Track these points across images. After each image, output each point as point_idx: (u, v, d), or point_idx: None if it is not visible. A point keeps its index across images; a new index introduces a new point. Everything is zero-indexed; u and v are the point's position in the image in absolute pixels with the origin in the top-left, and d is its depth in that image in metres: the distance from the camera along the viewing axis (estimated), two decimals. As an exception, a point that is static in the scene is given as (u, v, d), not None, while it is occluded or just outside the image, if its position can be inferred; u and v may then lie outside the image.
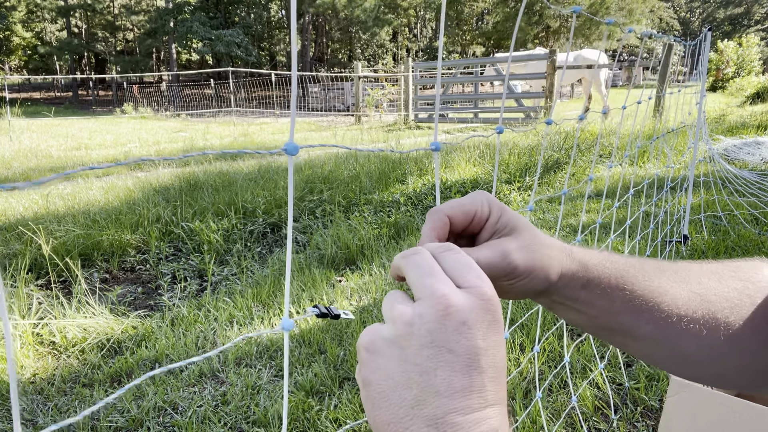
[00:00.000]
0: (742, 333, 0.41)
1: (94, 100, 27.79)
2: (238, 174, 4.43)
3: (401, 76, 10.90)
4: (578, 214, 3.33)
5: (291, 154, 0.37)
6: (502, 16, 30.28)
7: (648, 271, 0.43)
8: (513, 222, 0.41)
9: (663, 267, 0.44)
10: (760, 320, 0.42)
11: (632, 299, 0.42)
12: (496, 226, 0.42)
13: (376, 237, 2.95)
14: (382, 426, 0.30)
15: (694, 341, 0.42)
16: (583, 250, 0.43)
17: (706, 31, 2.71)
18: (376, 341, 0.32)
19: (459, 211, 0.41)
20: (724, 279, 0.43)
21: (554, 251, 0.41)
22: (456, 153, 4.88)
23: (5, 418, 1.50)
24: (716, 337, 0.41)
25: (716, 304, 0.42)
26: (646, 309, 0.41)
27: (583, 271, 0.42)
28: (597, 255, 0.43)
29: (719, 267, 0.45)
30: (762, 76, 14.84)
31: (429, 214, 0.42)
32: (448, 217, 0.41)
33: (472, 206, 0.42)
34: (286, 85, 18.93)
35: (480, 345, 0.30)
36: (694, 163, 2.75)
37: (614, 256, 0.43)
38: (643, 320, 0.42)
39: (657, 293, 0.42)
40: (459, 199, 0.42)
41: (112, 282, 2.61)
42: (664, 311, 0.41)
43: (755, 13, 40.28)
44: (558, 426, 1.37)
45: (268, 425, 1.43)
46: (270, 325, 2.00)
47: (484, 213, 0.42)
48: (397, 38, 39.76)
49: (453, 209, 0.42)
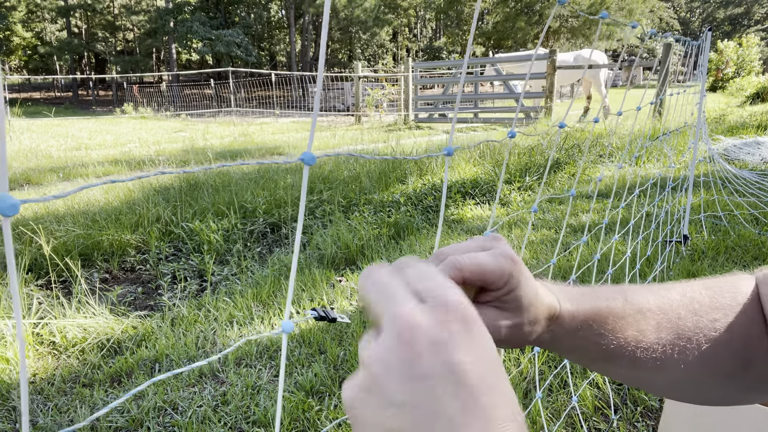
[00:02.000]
0: (720, 361, 0.43)
1: (94, 100, 27.79)
2: (238, 174, 4.43)
3: (401, 76, 10.90)
4: (578, 214, 3.32)
5: (308, 164, 0.36)
6: (502, 16, 30.28)
7: (627, 318, 0.43)
8: (520, 302, 0.38)
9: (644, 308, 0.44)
10: (739, 346, 0.43)
11: (607, 351, 0.43)
12: (502, 299, 0.38)
13: (376, 237, 2.95)
14: None
15: (670, 375, 0.43)
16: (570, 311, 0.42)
17: (706, 31, 2.71)
18: (355, 396, 0.29)
19: (477, 278, 0.37)
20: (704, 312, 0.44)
21: (541, 323, 0.40)
22: (456, 152, 4.88)
23: (5, 418, 1.50)
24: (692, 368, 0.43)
25: (692, 341, 0.43)
26: (621, 356, 0.43)
27: (563, 336, 0.42)
28: (579, 316, 0.42)
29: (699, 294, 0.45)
30: (762, 76, 14.84)
31: (448, 264, 0.36)
32: (463, 280, 0.37)
33: (492, 276, 0.37)
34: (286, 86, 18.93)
35: (462, 359, 0.26)
36: (694, 163, 2.75)
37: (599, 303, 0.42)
38: (617, 365, 0.43)
39: (634, 341, 0.43)
40: (483, 260, 0.37)
41: (112, 282, 2.61)
42: (639, 357, 0.43)
43: (755, 13, 40.28)
44: (558, 426, 1.38)
45: (268, 425, 1.43)
46: (270, 326, 2.00)
47: (498, 285, 0.38)
48: (397, 38, 39.77)
49: (473, 274, 0.37)
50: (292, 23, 32.83)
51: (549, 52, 8.33)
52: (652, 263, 2.33)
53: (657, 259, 2.37)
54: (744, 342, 0.43)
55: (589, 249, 2.60)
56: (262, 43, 36.01)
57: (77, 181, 4.78)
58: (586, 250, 2.58)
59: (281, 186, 3.86)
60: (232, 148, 7.11)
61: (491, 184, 4.00)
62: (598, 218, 3.22)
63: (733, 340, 0.43)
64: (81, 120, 14.28)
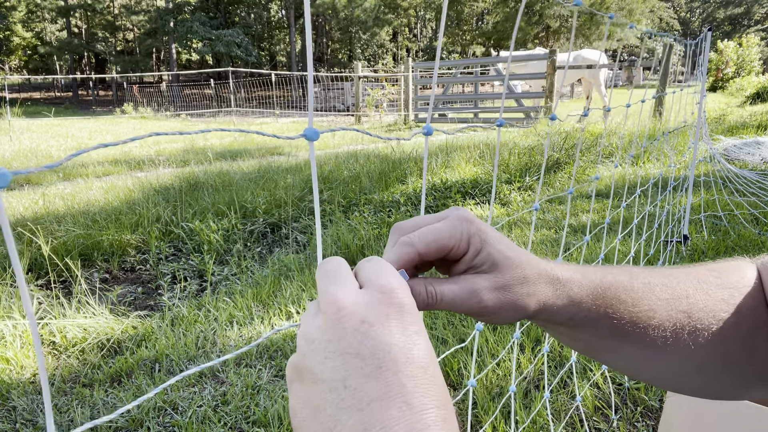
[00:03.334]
0: (728, 345, 0.41)
1: (94, 100, 27.80)
2: (237, 174, 4.43)
3: (401, 76, 10.90)
4: (578, 214, 3.32)
5: (311, 139, 0.36)
6: (502, 16, 30.28)
7: (637, 292, 0.41)
8: (492, 258, 0.37)
9: (653, 282, 0.42)
10: (746, 330, 0.42)
11: (619, 326, 0.41)
12: (473, 261, 0.37)
13: (376, 237, 2.95)
14: None
15: (678, 358, 0.42)
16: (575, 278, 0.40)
17: (706, 31, 2.71)
18: (292, 370, 0.29)
19: (433, 248, 0.36)
20: (711, 290, 0.42)
21: (539, 287, 0.38)
22: (456, 153, 4.88)
23: (5, 418, 1.50)
24: (701, 352, 0.41)
25: (703, 321, 0.41)
26: (632, 334, 0.41)
27: (571, 304, 0.40)
28: (587, 284, 0.40)
29: (706, 274, 0.44)
30: (762, 76, 14.84)
31: (399, 243, 0.36)
32: (419, 255, 0.36)
33: (451, 241, 0.36)
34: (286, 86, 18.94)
35: (388, 340, 0.26)
36: (694, 163, 2.75)
37: (606, 278, 0.41)
38: (628, 343, 0.41)
39: (645, 317, 0.41)
40: (435, 227, 0.37)
41: (112, 282, 2.61)
42: (650, 334, 0.41)
43: (755, 13, 40.29)
44: (558, 426, 1.37)
45: (268, 425, 1.43)
46: (270, 326, 2.00)
47: (461, 249, 0.37)
48: (397, 38, 39.76)
49: (428, 246, 0.36)
50: (292, 23, 32.83)
51: (549, 52, 8.33)
52: (653, 264, 2.33)
53: (658, 260, 2.37)
54: (751, 325, 0.42)
55: (588, 249, 2.60)
56: (262, 43, 36.01)
57: (77, 181, 4.77)
58: (586, 251, 2.58)
59: (281, 186, 3.86)
60: (232, 148, 7.11)
61: (491, 184, 4.00)
62: (598, 218, 3.22)
63: (741, 323, 0.41)
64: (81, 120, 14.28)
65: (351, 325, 0.27)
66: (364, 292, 0.29)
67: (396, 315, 0.28)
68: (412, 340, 0.27)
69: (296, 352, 0.30)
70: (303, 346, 0.29)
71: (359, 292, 0.29)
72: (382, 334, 0.27)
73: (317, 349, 0.27)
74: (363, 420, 0.24)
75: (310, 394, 0.27)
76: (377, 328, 0.27)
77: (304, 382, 0.28)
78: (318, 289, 0.31)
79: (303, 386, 0.28)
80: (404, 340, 0.27)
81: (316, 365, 0.27)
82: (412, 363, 0.26)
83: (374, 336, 0.26)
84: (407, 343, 0.27)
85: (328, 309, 0.28)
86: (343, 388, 0.25)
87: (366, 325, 0.27)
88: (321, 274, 0.31)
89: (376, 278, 0.30)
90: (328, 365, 0.26)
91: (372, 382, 0.25)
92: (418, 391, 0.25)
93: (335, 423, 0.25)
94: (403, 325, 0.28)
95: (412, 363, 0.26)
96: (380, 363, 0.26)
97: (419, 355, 0.27)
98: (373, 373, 0.25)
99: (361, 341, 0.26)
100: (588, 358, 1.66)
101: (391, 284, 0.29)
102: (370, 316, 0.27)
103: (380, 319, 0.27)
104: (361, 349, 0.26)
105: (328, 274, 0.31)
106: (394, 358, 0.26)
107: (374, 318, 0.27)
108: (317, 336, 0.28)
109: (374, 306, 0.28)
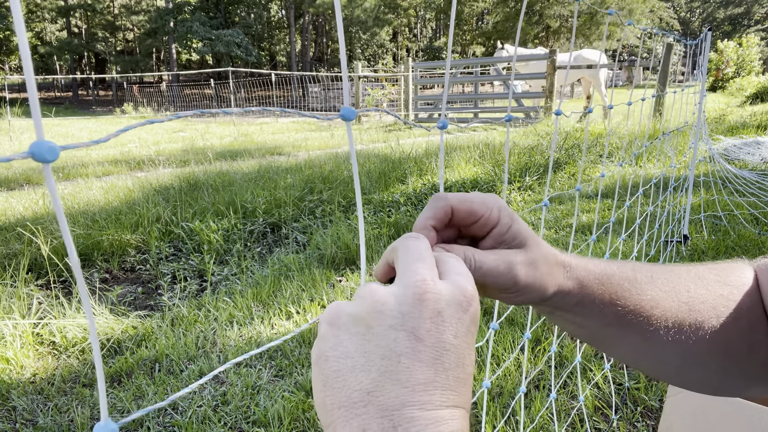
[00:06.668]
0: (728, 340, 0.42)
1: (94, 100, 27.80)
2: (237, 174, 4.43)
3: (401, 76, 10.90)
4: (578, 214, 3.32)
5: (348, 119, 0.37)
6: (502, 16, 30.28)
7: (641, 282, 0.42)
8: (522, 235, 0.39)
9: (655, 275, 0.43)
10: (745, 326, 0.42)
11: (624, 314, 0.41)
12: (503, 236, 0.39)
13: (376, 237, 2.95)
14: (332, 409, 0.27)
15: (679, 350, 0.42)
16: (582, 264, 0.42)
17: (706, 31, 2.71)
18: (341, 316, 0.30)
19: (466, 207, 0.38)
20: (711, 286, 0.43)
21: (555, 268, 0.40)
22: (456, 153, 4.88)
23: (5, 418, 1.50)
24: (701, 345, 0.42)
25: (703, 313, 0.42)
26: (636, 323, 0.42)
27: (579, 288, 0.41)
28: (594, 270, 0.42)
29: (705, 272, 0.45)
30: (762, 76, 14.84)
31: (432, 199, 0.39)
32: (452, 209, 0.38)
33: (482, 208, 0.39)
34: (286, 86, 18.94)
35: (451, 341, 0.28)
36: (694, 163, 2.75)
37: (610, 268, 0.42)
38: (632, 331, 0.42)
39: (648, 306, 0.42)
40: (469, 194, 0.39)
41: (112, 282, 2.61)
42: (653, 324, 0.41)
43: (755, 13, 40.28)
44: (558, 426, 1.37)
45: (268, 425, 1.43)
46: (270, 326, 2.00)
47: (492, 219, 0.39)
48: (397, 38, 39.76)
49: (461, 203, 0.38)
50: (292, 23, 32.82)
51: (549, 52, 8.33)
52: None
53: (658, 259, 2.37)
54: (749, 323, 0.42)
55: (588, 250, 2.60)
56: (262, 43, 36.00)
57: (77, 181, 4.77)
58: (586, 251, 2.58)
59: (281, 186, 3.86)
60: (232, 148, 7.11)
61: (491, 183, 4.00)
62: (598, 218, 3.22)
63: (740, 319, 0.42)
64: (81, 120, 14.28)
65: (428, 313, 0.28)
66: (447, 286, 0.30)
67: (468, 322, 0.30)
68: (468, 349, 0.29)
69: (356, 303, 0.30)
70: (370, 302, 0.29)
71: (442, 283, 0.30)
72: (448, 332, 0.28)
73: (387, 314, 0.28)
74: (405, 395, 0.26)
75: (357, 350, 0.28)
76: (448, 326, 0.29)
77: (355, 335, 0.29)
78: (399, 259, 0.32)
79: (351, 339, 0.29)
80: (464, 347, 0.29)
81: (378, 328, 0.28)
82: (462, 368, 0.28)
83: (443, 331, 0.28)
84: (466, 350, 0.29)
85: (412, 285, 0.29)
86: (397, 362, 0.27)
87: (440, 318, 0.28)
88: (405, 248, 0.33)
89: (460, 278, 0.31)
90: (391, 335, 0.28)
91: (425, 368, 0.27)
92: (458, 391, 0.28)
93: (376, 387, 0.27)
94: (467, 332, 0.30)
95: (462, 368, 0.28)
96: (438, 356, 0.28)
97: (468, 363, 0.29)
98: (429, 361, 0.27)
99: (430, 330, 0.28)
100: (588, 358, 1.66)
101: (473, 294, 0.31)
102: (446, 312, 0.29)
103: (452, 320, 0.29)
104: (429, 337, 0.28)
105: (413, 250, 0.32)
106: (451, 359, 0.28)
107: (449, 316, 0.29)
108: (390, 301, 0.29)
109: (453, 305, 0.29)
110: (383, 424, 0.26)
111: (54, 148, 0.24)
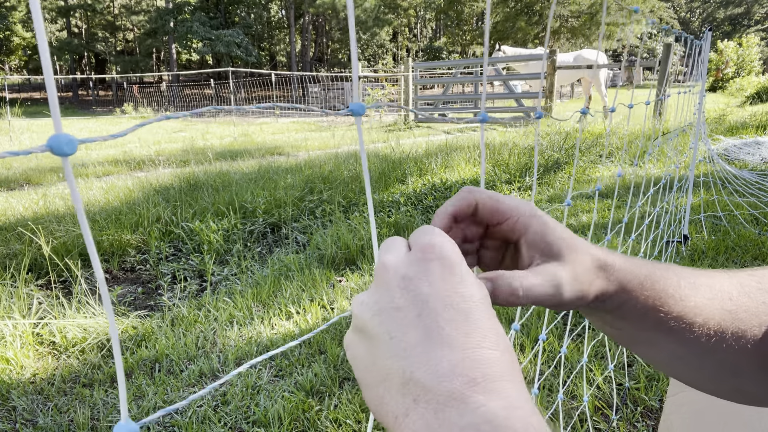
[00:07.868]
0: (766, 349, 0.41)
1: (94, 100, 27.81)
2: (237, 174, 4.43)
3: (401, 76, 10.89)
4: (578, 214, 3.32)
5: (358, 114, 0.38)
6: (502, 16, 30.27)
7: (684, 288, 0.41)
8: (557, 244, 0.37)
9: (698, 282, 0.42)
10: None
11: (666, 321, 0.40)
12: (539, 245, 0.38)
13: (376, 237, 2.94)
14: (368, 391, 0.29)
15: (718, 358, 0.41)
16: (625, 266, 0.40)
17: (706, 31, 2.71)
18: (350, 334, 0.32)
19: (491, 205, 0.38)
20: (753, 293, 0.42)
21: (596, 274, 0.38)
22: (456, 153, 4.88)
23: (5, 418, 1.50)
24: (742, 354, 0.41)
25: (746, 322, 0.41)
26: (677, 329, 0.40)
27: (621, 291, 0.39)
28: (638, 273, 0.40)
29: (746, 278, 0.44)
30: (762, 76, 14.84)
31: (462, 190, 0.39)
32: (477, 204, 0.38)
33: (510, 211, 0.38)
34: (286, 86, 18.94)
35: (426, 291, 0.28)
36: (694, 163, 2.75)
37: (654, 272, 0.41)
38: (672, 338, 0.41)
39: (692, 314, 0.40)
40: (503, 195, 0.38)
41: (112, 282, 2.61)
42: (695, 332, 0.40)
43: (755, 13, 40.29)
44: (558, 426, 1.37)
45: (268, 425, 1.43)
46: (270, 326, 2.00)
47: (519, 225, 0.38)
48: (397, 38, 39.77)
49: (488, 199, 0.38)
50: (292, 23, 32.83)
51: (549, 52, 8.34)
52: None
53: (660, 260, 2.37)
54: None
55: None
56: (262, 43, 36.00)
57: (77, 181, 4.77)
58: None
59: (281, 186, 3.86)
60: (232, 148, 7.11)
61: (491, 183, 4.00)
62: (598, 218, 3.22)
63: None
64: (81, 120, 14.28)
65: (394, 283, 0.29)
66: (407, 253, 0.31)
67: (437, 267, 0.29)
68: (453, 288, 0.28)
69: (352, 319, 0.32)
70: (356, 309, 0.31)
71: (404, 253, 0.31)
72: (421, 286, 0.29)
73: (366, 309, 0.30)
74: (409, 364, 0.26)
75: (365, 351, 0.30)
76: (416, 281, 0.29)
77: (361, 341, 0.30)
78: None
79: (360, 345, 0.30)
80: (445, 289, 0.28)
81: (366, 323, 0.30)
82: (451, 308, 0.28)
83: (413, 288, 0.29)
84: (447, 291, 0.28)
85: (377, 273, 0.31)
86: (389, 339, 0.28)
87: (406, 281, 0.29)
88: (380, 250, 0.34)
89: (419, 239, 0.32)
90: (375, 321, 0.29)
91: (412, 330, 0.27)
92: (459, 334, 0.27)
93: (387, 371, 0.27)
94: (443, 275, 0.29)
95: (451, 308, 0.28)
96: (419, 311, 0.28)
97: (460, 300, 0.28)
98: (412, 322, 0.27)
99: (402, 294, 0.29)
100: (589, 358, 1.66)
101: (432, 241, 0.31)
102: (410, 272, 0.29)
103: (419, 274, 0.29)
104: (401, 302, 0.28)
105: (383, 247, 0.33)
106: (432, 306, 0.28)
107: (413, 273, 0.29)
108: (366, 298, 0.31)
109: (414, 262, 0.30)
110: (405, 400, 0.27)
111: (72, 140, 0.24)
